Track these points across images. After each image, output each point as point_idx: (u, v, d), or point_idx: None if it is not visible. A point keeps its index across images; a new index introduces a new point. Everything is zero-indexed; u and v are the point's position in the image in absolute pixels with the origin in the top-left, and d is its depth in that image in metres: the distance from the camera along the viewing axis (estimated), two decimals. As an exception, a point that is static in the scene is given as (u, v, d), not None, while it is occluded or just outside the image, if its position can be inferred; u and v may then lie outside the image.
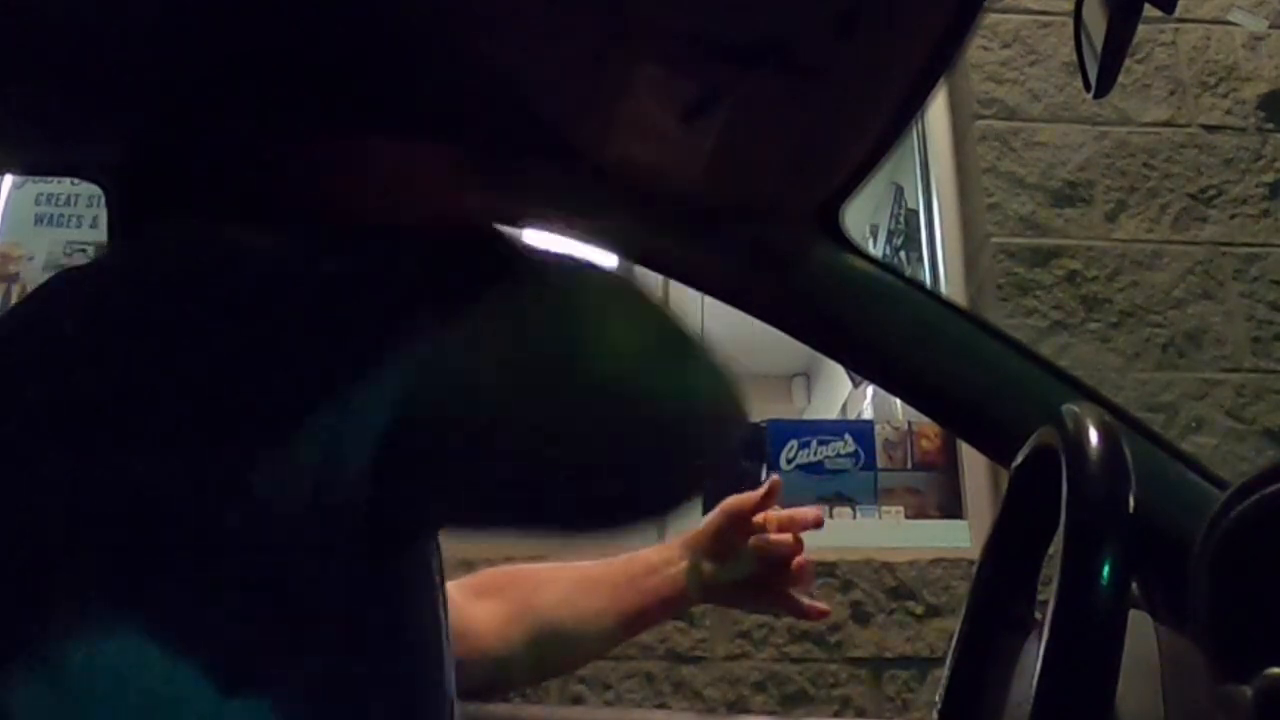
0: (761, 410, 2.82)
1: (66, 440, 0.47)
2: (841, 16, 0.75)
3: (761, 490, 1.03)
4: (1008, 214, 2.26)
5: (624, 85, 0.86)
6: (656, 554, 1.03)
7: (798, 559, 1.02)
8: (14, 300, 2.41)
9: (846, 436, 2.31)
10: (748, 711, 1.87)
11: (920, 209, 2.51)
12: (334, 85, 0.77)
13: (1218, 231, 2.28)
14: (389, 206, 0.76)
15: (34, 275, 2.44)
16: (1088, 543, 0.48)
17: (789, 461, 2.27)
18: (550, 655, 0.99)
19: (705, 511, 2.19)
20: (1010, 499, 0.72)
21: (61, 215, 2.52)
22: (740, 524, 1.02)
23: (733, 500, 1.03)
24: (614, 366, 0.50)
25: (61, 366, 0.50)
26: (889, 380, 1.11)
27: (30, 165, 1.16)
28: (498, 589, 0.97)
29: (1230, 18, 2.44)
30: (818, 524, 1.04)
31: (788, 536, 1.02)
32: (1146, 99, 2.37)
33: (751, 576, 1.02)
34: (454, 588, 0.92)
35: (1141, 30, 1.89)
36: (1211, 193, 2.31)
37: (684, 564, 1.02)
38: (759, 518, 1.02)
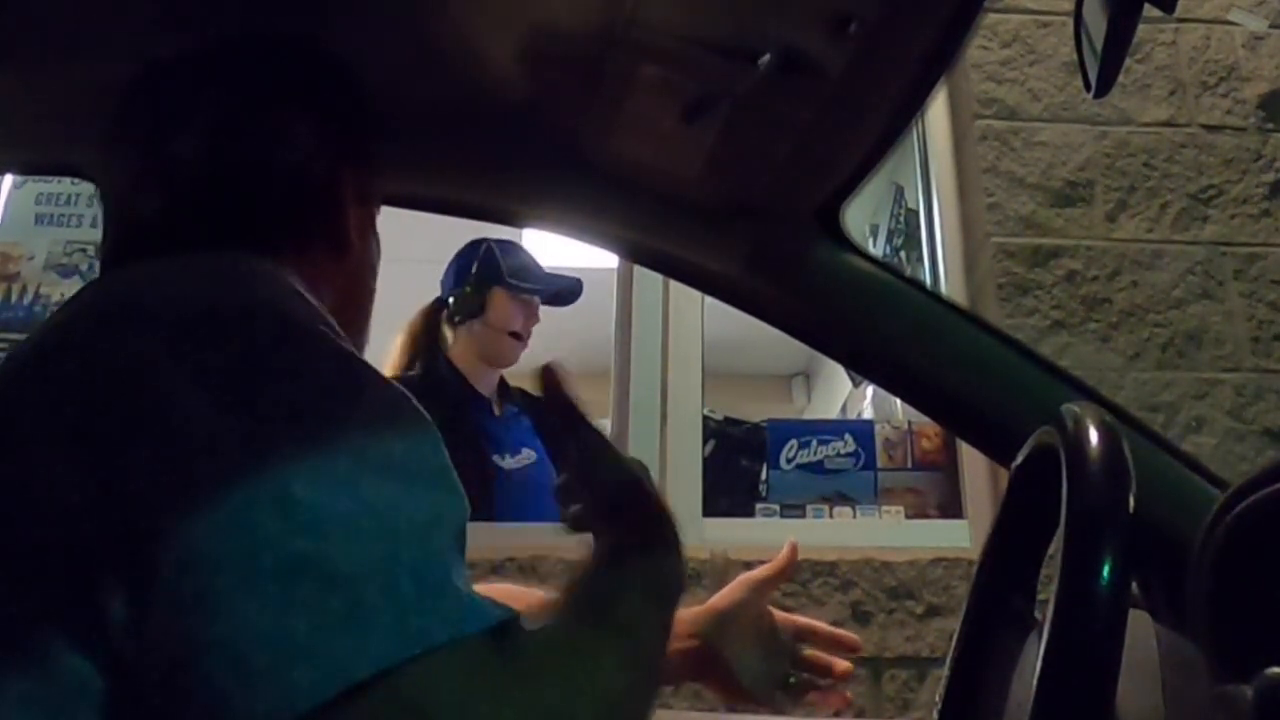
0: (761, 410, 2.82)
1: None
2: (841, 17, 0.75)
3: (781, 559, 0.97)
4: (1008, 214, 2.26)
5: (624, 86, 0.86)
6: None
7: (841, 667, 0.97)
8: (14, 299, 2.41)
9: (846, 436, 2.31)
10: (747, 712, 1.86)
11: (920, 209, 2.51)
12: (336, 86, 0.77)
13: (1218, 231, 2.28)
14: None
15: (34, 275, 2.44)
16: (1088, 543, 0.48)
17: (789, 461, 2.27)
18: None
19: (705, 510, 2.16)
20: (1010, 499, 0.72)
21: (61, 215, 2.52)
22: (761, 594, 0.97)
23: (750, 575, 0.97)
24: None
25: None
26: (889, 380, 1.11)
27: (30, 165, 1.16)
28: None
29: (1230, 18, 2.44)
30: (854, 648, 1.00)
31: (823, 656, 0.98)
32: (1146, 99, 2.37)
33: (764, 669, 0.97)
34: None
35: (1141, 30, 1.89)
36: (1211, 193, 2.31)
37: (692, 642, 0.95)
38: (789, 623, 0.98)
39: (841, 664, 0.98)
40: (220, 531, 0.44)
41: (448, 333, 2.38)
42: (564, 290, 2.41)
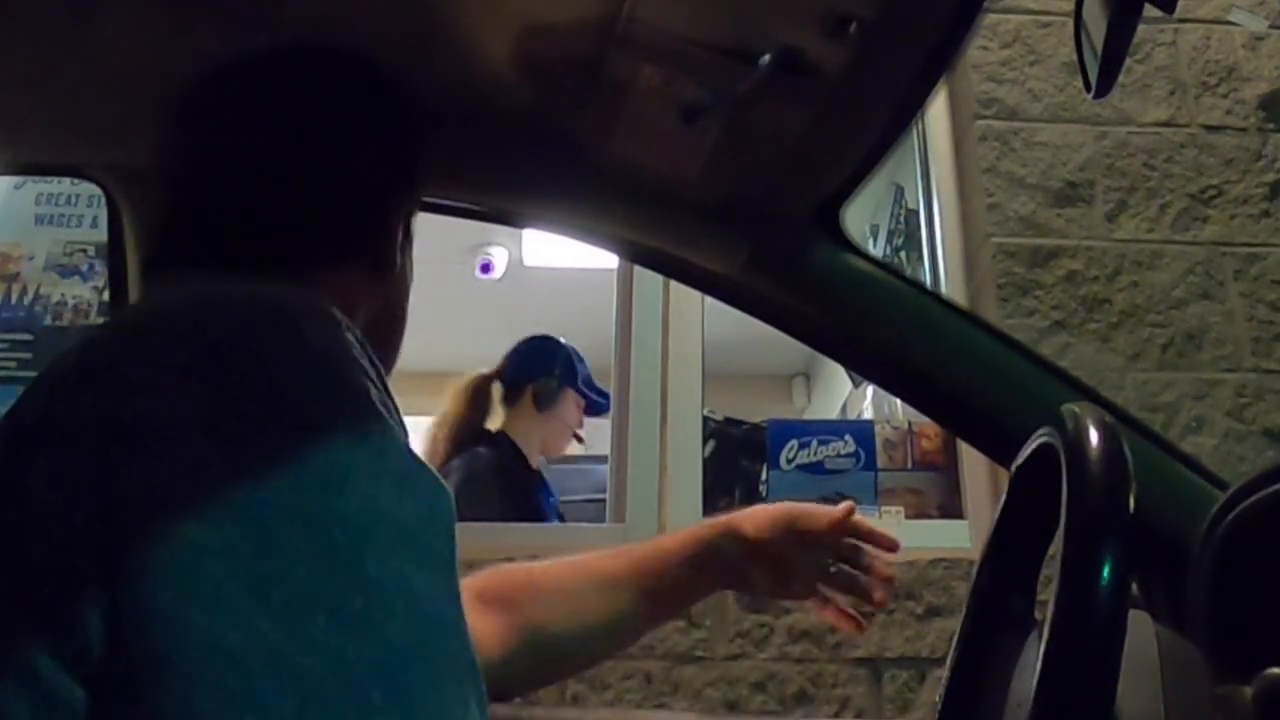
0: (761, 410, 2.82)
1: None
2: (841, 17, 0.75)
3: (840, 510, 0.97)
4: (1008, 214, 2.26)
5: (624, 86, 0.86)
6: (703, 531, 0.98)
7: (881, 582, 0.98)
8: (14, 299, 2.41)
9: (846, 436, 2.31)
10: (747, 712, 1.86)
11: (920, 209, 2.51)
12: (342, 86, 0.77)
13: (1218, 231, 2.28)
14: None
15: (34, 275, 2.44)
16: (1088, 543, 0.48)
17: (789, 461, 2.27)
18: (548, 665, 0.98)
19: (705, 510, 2.16)
20: (1010, 499, 0.72)
21: (61, 215, 2.52)
22: (806, 540, 0.97)
23: (803, 514, 0.97)
24: None
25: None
26: (889, 380, 1.11)
27: (30, 165, 1.16)
28: (500, 599, 0.95)
29: (1230, 18, 2.44)
30: (891, 548, 1.00)
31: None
32: (1146, 99, 2.37)
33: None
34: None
35: (1141, 30, 1.88)
36: (1211, 193, 2.31)
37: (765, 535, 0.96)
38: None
39: (884, 569, 0.98)
40: (193, 599, 0.42)
41: (499, 409, 2.53)
42: (606, 407, 2.58)
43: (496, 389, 2.54)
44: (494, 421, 2.53)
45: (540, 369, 2.54)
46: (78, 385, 0.50)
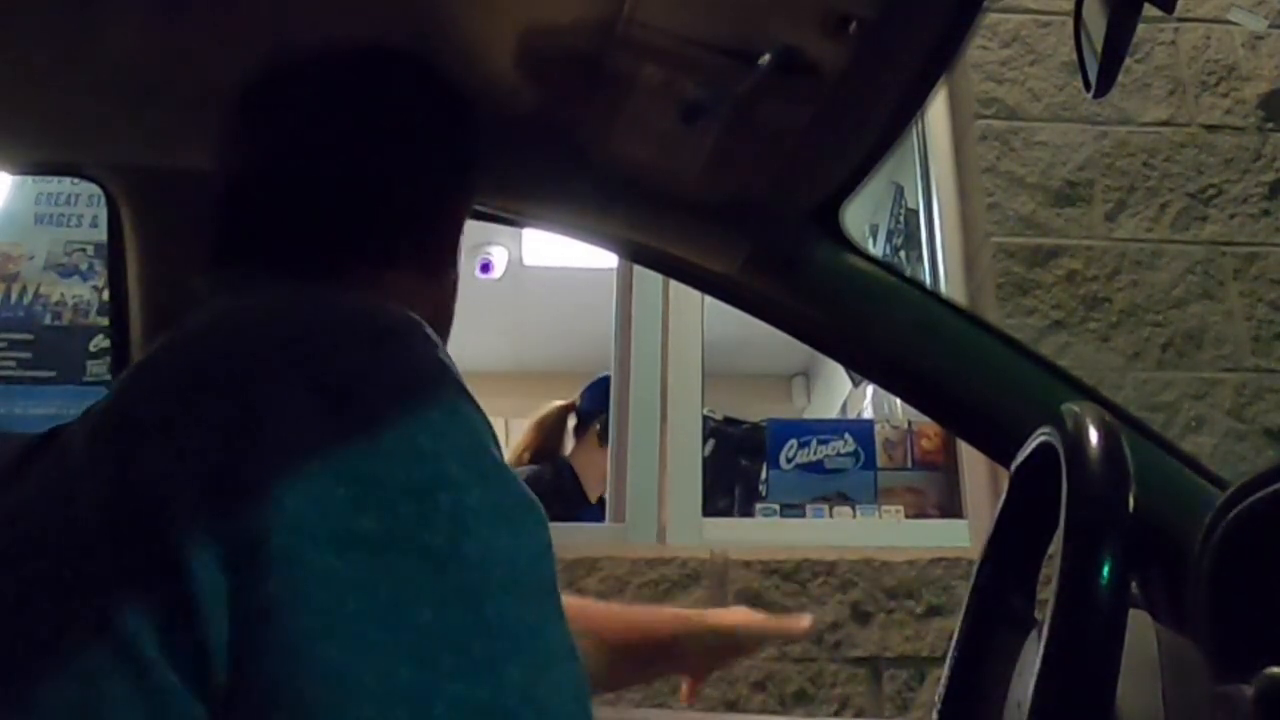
0: (761, 410, 2.82)
1: None
2: (841, 17, 0.75)
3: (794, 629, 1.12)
4: (1007, 214, 2.26)
5: (625, 85, 0.86)
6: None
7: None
8: (14, 299, 2.41)
9: (846, 436, 2.31)
10: (747, 711, 1.86)
11: (920, 209, 2.51)
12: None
13: (1218, 231, 2.28)
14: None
15: (34, 275, 2.44)
16: (1088, 542, 0.48)
17: (789, 461, 2.27)
18: None
19: (705, 510, 2.16)
20: (1010, 499, 0.72)
21: (61, 215, 2.52)
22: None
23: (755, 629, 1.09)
24: None
25: None
26: (889, 380, 1.11)
27: (30, 165, 1.16)
28: None
29: (1230, 17, 2.44)
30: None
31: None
32: (1146, 99, 2.37)
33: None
34: None
35: (1141, 30, 1.88)
36: (1211, 192, 2.31)
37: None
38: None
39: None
40: (327, 633, 0.41)
41: (569, 438, 2.64)
42: None
43: (571, 419, 2.66)
44: (566, 449, 2.65)
45: (607, 405, 2.57)
46: (191, 388, 0.49)
